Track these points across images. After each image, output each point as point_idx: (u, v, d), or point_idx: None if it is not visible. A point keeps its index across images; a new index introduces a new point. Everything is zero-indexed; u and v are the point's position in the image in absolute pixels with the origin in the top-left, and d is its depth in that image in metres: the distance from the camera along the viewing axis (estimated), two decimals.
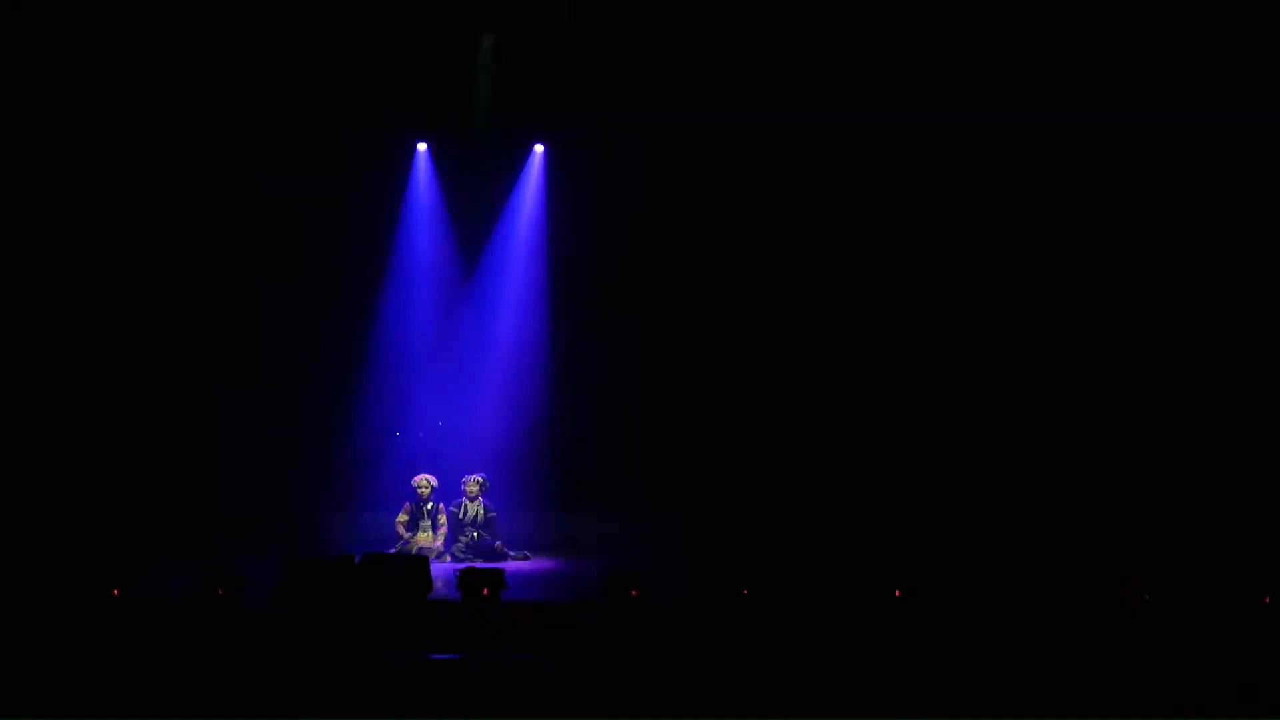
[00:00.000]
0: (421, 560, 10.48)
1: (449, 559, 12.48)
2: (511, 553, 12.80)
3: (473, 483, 13.11)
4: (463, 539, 12.86)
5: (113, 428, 13.70)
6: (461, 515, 13.00)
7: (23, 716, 7.77)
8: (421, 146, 15.87)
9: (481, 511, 13.02)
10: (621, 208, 15.04)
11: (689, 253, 15.03)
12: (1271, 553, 11.74)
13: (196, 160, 14.08)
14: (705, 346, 15.10)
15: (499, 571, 9.86)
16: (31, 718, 7.77)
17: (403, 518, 12.92)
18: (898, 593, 9.57)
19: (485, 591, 9.53)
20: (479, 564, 11.62)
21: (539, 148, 15.95)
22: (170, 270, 14.07)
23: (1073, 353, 14.22)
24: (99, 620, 9.16)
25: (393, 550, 12.61)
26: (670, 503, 14.61)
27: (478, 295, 15.60)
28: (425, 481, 13.01)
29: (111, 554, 11.57)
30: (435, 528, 12.93)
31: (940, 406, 14.28)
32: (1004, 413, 14.11)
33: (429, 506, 12.97)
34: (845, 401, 14.60)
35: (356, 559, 10.12)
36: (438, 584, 10.20)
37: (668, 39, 13.85)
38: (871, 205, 14.55)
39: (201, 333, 14.16)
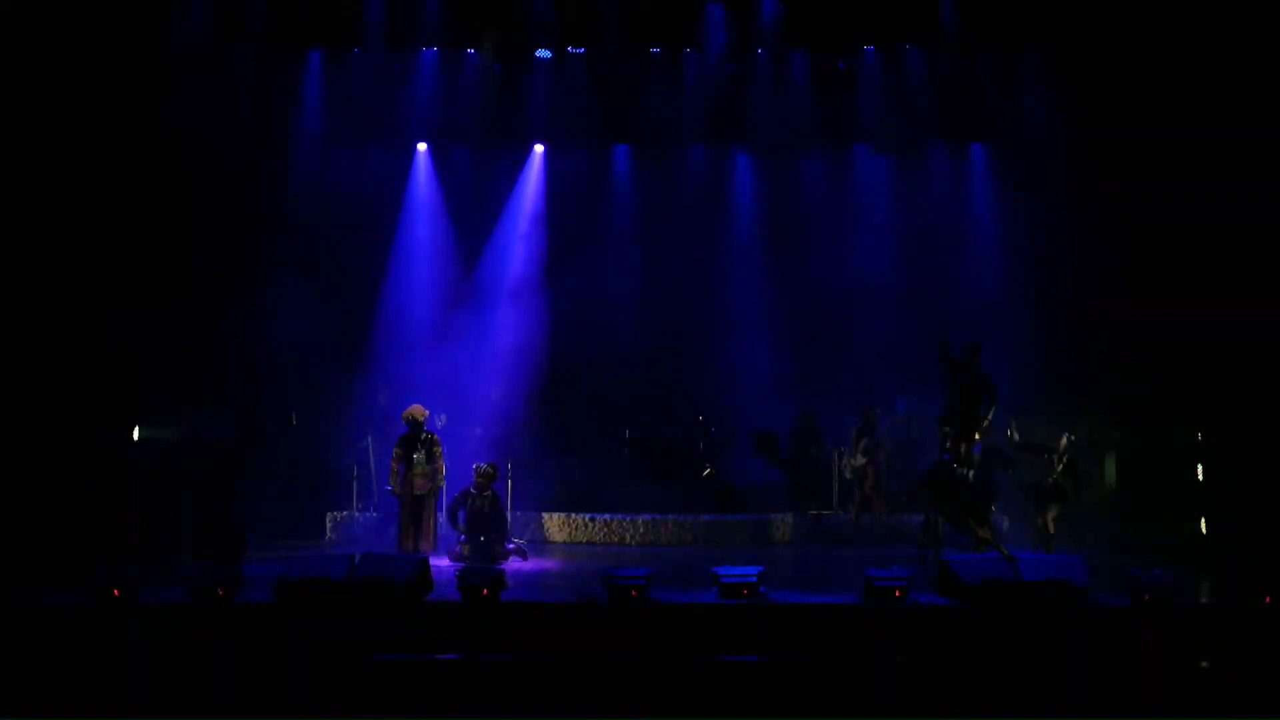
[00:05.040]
0: (421, 560, 10.45)
1: (448, 560, 12.28)
2: (510, 546, 12.64)
3: (482, 474, 12.72)
4: (465, 546, 12.55)
5: (110, 425, 13.66)
6: (470, 505, 12.57)
7: (23, 716, 7.77)
8: (421, 146, 15.92)
9: (489, 501, 12.62)
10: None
11: None
12: None
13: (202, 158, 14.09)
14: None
15: (499, 571, 9.84)
16: (31, 718, 7.77)
17: (397, 452, 12.60)
18: (899, 591, 9.53)
19: (485, 592, 9.52)
20: (479, 565, 11.61)
21: (539, 148, 16.01)
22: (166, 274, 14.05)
23: None
24: (99, 620, 9.16)
25: (388, 486, 12.44)
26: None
27: (477, 294, 15.63)
28: (412, 414, 12.59)
29: (107, 553, 11.54)
30: (431, 461, 12.46)
31: None
32: None
33: (423, 438, 12.55)
34: None
35: (356, 559, 10.10)
36: (438, 584, 10.17)
37: None
38: None
39: (198, 332, 14.13)
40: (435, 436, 12.70)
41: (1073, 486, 12.48)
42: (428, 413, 12.79)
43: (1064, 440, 12.65)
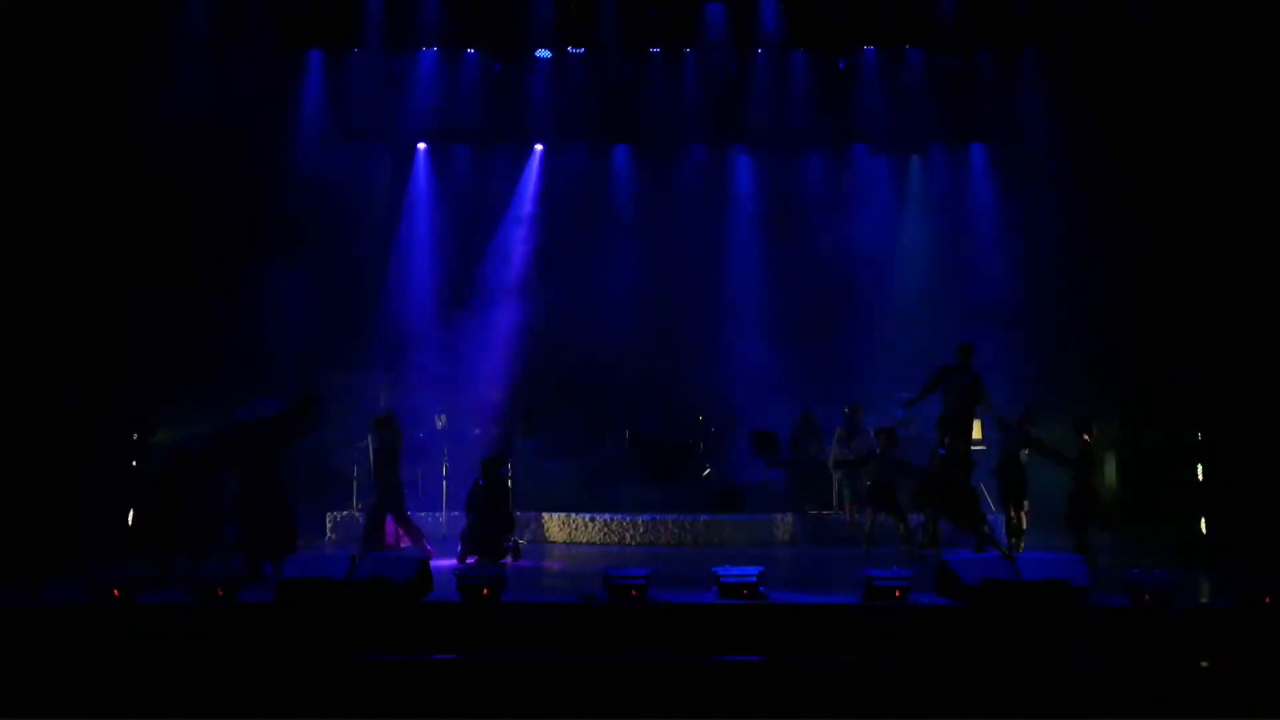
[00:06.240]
0: (421, 560, 10.45)
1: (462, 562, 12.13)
2: (509, 544, 12.57)
3: (487, 460, 12.54)
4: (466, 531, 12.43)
5: (111, 424, 13.66)
6: (477, 493, 12.47)
7: (22, 716, 7.76)
8: (421, 146, 15.93)
9: (495, 486, 12.48)
10: None
11: None
12: None
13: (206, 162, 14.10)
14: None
15: (499, 571, 9.83)
16: (31, 718, 7.76)
17: None
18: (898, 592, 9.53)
19: (485, 591, 9.52)
20: (481, 562, 11.58)
21: (539, 147, 16.03)
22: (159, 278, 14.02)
23: None
24: (99, 620, 9.15)
25: None
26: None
27: (477, 293, 15.64)
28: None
29: (108, 553, 11.55)
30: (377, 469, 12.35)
31: None
32: None
33: None
34: None
35: (356, 559, 10.10)
36: (437, 584, 10.17)
37: None
38: None
39: (198, 330, 14.12)
40: (384, 443, 12.37)
41: (1050, 453, 12.31)
42: (384, 418, 12.50)
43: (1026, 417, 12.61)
